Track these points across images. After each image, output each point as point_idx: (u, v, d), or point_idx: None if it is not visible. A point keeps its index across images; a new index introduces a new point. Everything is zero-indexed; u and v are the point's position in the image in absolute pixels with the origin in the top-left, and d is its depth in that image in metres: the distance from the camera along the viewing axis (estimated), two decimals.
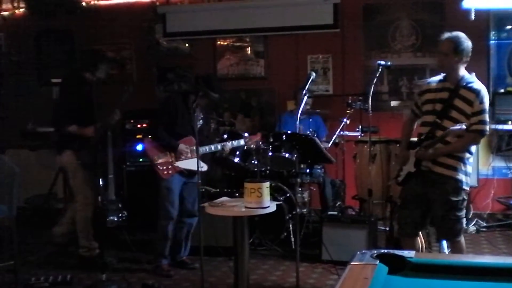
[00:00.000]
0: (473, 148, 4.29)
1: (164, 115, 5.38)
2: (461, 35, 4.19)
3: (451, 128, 4.03)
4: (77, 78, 5.62)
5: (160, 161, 5.28)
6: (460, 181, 4.19)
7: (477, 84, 4.17)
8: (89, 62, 5.72)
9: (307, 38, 7.55)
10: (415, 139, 4.45)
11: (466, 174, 4.23)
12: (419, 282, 2.30)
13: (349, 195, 6.58)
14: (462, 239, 4.33)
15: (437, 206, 4.24)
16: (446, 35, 4.20)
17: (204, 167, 5.17)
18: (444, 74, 4.29)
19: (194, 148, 5.12)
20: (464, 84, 4.16)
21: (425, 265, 2.41)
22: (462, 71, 4.21)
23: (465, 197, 4.26)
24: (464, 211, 4.28)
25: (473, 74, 4.26)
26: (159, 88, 8.01)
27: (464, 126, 3.99)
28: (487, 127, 4.16)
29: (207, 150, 5.33)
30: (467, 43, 4.17)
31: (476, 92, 4.11)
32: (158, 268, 5.33)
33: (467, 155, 4.23)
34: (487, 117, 4.14)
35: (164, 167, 5.26)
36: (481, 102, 4.11)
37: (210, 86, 5.25)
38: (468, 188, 4.28)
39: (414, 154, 4.31)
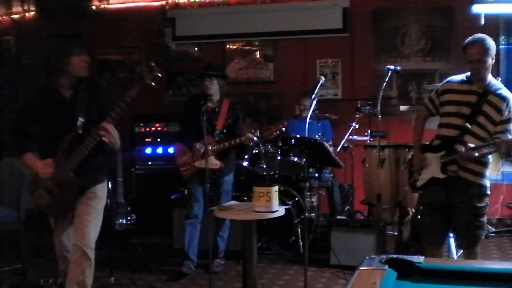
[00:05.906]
0: None
1: (181, 117, 5.74)
2: (485, 36, 3.97)
3: (505, 138, 3.86)
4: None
5: (181, 162, 5.50)
6: (485, 187, 4.06)
7: (506, 91, 3.99)
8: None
9: (316, 42, 7.56)
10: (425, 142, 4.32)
11: (488, 179, 4.11)
12: (428, 287, 2.29)
13: (357, 199, 6.57)
14: (477, 248, 4.20)
15: (460, 212, 4.05)
16: (472, 40, 3.95)
17: (217, 164, 5.32)
18: (467, 75, 4.07)
19: (209, 147, 5.17)
20: (493, 89, 3.98)
21: (434, 270, 2.40)
22: (489, 75, 4.04)
23: (488, 203, 4.10)
24: (486, 217, 4.14)
25: (499, 78, 4.10)
26: (168, 92, 8.03)
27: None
28: None
29: (221, 147, 5.31)
30: (493, 42, 3.99)
31: (507, 100, 3.95)
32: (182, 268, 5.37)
33: (490, 159, 4.13)
34: None
35: (184, 168, 5.48)
36: (510, 111, 3.95)
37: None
38: (489, 193, 4.14)
39: (438, 159, 4.09)
